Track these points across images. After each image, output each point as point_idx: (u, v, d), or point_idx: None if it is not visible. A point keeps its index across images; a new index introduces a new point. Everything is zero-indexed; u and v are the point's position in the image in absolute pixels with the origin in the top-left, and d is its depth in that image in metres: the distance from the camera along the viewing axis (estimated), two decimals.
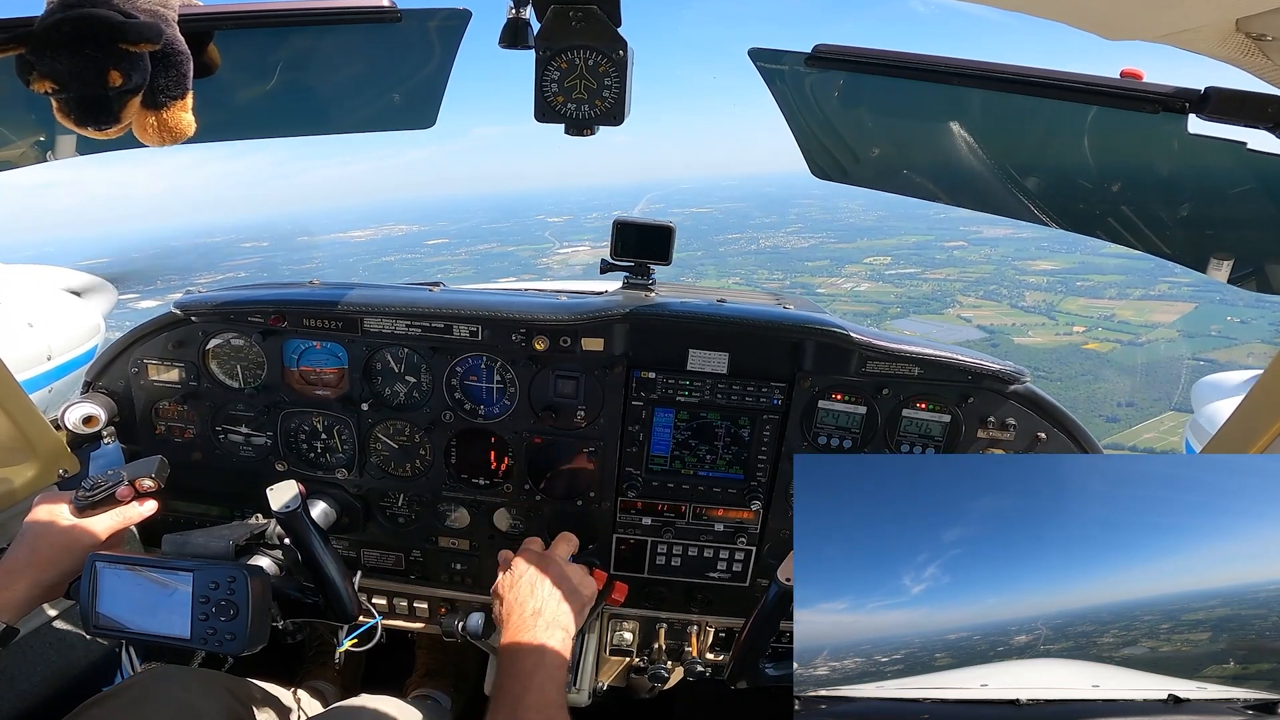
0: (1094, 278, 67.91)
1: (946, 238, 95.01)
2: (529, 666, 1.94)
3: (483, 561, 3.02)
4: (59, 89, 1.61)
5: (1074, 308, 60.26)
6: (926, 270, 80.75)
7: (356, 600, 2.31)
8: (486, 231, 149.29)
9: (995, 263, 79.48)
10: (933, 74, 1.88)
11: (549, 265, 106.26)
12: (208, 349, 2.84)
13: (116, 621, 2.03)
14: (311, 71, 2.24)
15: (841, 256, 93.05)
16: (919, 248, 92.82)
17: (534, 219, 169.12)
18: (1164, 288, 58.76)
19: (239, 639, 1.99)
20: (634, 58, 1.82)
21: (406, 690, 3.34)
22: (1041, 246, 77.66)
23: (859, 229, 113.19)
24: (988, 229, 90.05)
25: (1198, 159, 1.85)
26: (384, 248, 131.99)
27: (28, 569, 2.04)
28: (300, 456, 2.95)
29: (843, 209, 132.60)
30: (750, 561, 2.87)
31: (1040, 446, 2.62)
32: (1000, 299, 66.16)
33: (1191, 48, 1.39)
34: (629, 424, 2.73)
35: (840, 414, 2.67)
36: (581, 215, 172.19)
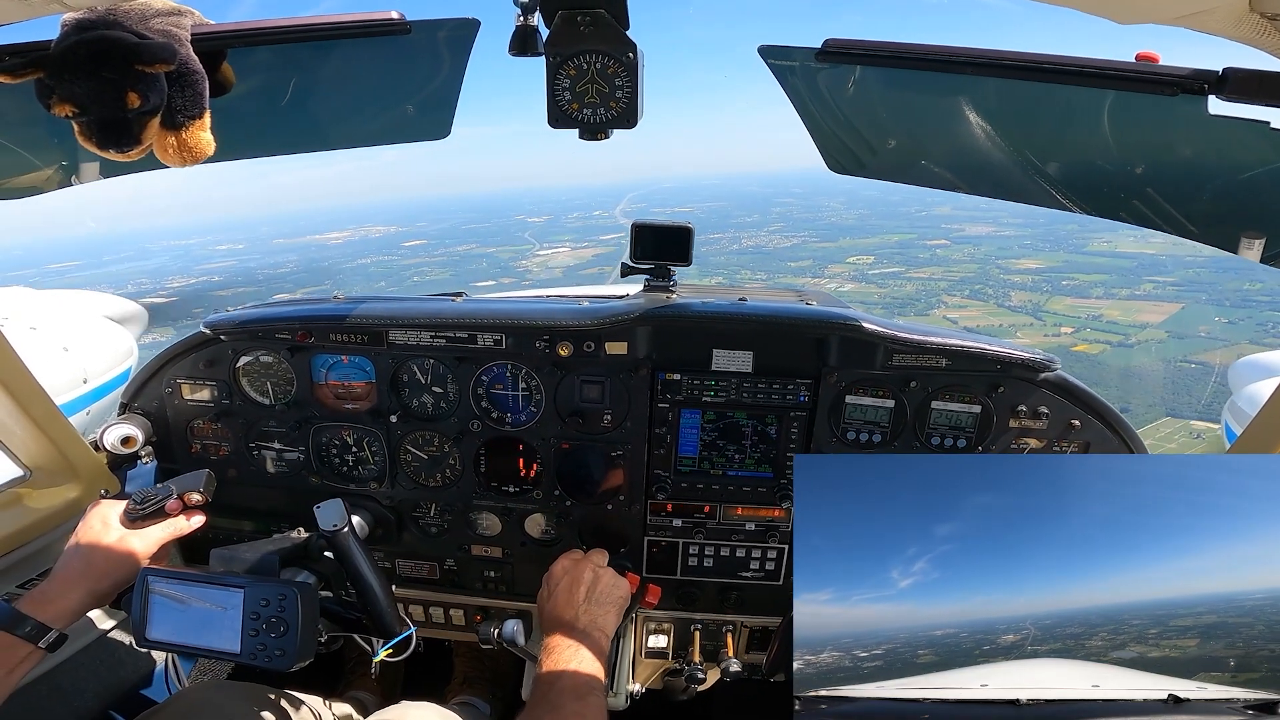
0: (1079, 276, 68.31)
1: (929, 236, 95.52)
2: (567, 658, 2.06)
3: (516, 568, 3.06)
4: (79, 112, 1.65)
5: (1060, 307, 60.53)
6: (910, 269, 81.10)
7: (398, 614, 2.34)
8: (465, 232, 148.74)
9: (979, 261, 79.91)
10: (945, 64, 1.89)
11: (528, 267, 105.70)
12: (238, 367, 2.89)
13: (167, 635, 2.06)
14: (325, 86, 2.28)
15: (824, 256, 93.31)
16: (902, 246, 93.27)
17: (513, 219, 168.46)
18: (1149, 287, 59.13)
19: (288, 655, 2.02)
20: (644, 60, 1.85)
21: (446, 697, 3.38)
22: (1025, 245, 78.19)
23: (841, 228, 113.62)
24: (970, 227, 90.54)
25: (1220, 140, 1.84)
26: (360, 250, 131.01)
27: (83, 579, 2.10)
28: (333, 470, 2.99)
29: (825, 207, 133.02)
30: (783, 560, 2.90)
31: (1075, 434, 2.61)
32: (986, 299, 66.42)
33: (1206, 29, 1.37)
34: (656, 426, 2.76)
35: (868, 408, 2.68)
36: (562, 215, 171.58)
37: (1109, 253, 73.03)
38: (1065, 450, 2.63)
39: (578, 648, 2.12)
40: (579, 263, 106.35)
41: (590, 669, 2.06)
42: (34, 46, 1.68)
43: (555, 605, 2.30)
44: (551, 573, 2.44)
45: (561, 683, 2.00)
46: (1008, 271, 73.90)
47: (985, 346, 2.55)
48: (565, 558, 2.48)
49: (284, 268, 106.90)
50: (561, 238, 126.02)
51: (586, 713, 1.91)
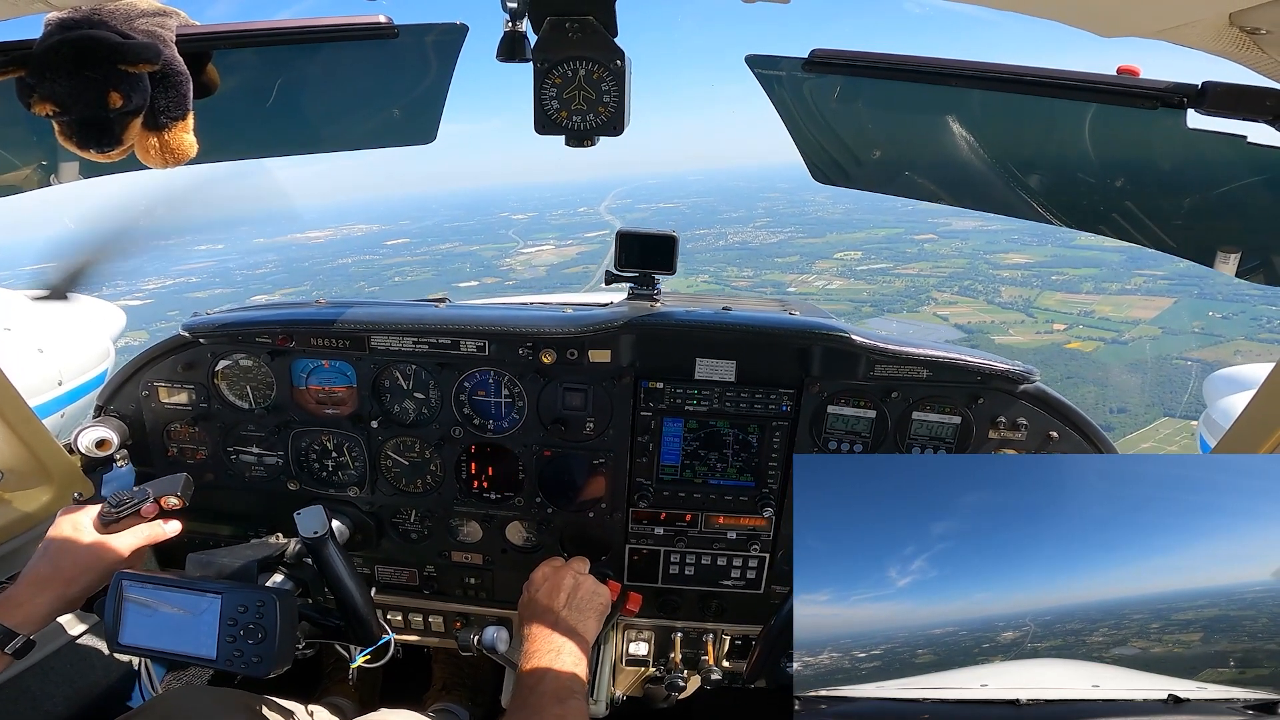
0: (1068, 271, 68.62)
1: (916, 230, 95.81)
2: (547, 661, 2.09)
3: (496, 575, 3.07)
4: (60, 111, 1.65)
5: (1051, 303, 60.82)
6: (898, 265, 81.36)
7: (378, 623, 2.36)
8: (449, 230, 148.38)
9: (967, 256, 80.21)
10: (930, 75, 1.91)
11: (512, 266, 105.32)
12: (217, 370, 2.89)
13: (141, 640, 2.05)
14: (311, 89, 2.28)
15: (811, 252, 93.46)
16: (889, 241, 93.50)
17: (497, 216, 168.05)
18: (1139, 281, 59.34)
19: (266, 661, 2.02)
20: (631, 67, 1.86)
21: (425, 704, 3.39)
22: (1012, 239, 78.47)
23: (827, 222, 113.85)
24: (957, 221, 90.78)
25: (1199, 153, 1.87)
26: (341, 249, 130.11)
27: (52, 583, 2.08)
28: (312, 475, 3.00)
29: (810, 202, 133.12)
30: (764, 568, 2.93)
31: (1052, 445, 2.65)
32: (976, 295, 66.66)
33: (1186, 43, 1.40)
34: (638, 434, 2.78)
35: (850, 418, 2.71)
36: (546, 212, 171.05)
37: (1097, 245, 73.39)
38: None
39: (558, 652, 2.15)
40: (563, 261, 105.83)
41: (571, 672, 2.09)
42: (16, 45, 1.67)
43: (535, 610, 2.33)
44: (532, 579, 2.48)
45: (543, 686, 2.03)
46: (996, 266, 74.13)
47: (965, 358, 2.59)
48: (546, 564, 2.52)
49: (263, 268, 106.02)
50: (546, 235, 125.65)
51: (567, 715, 1.94)
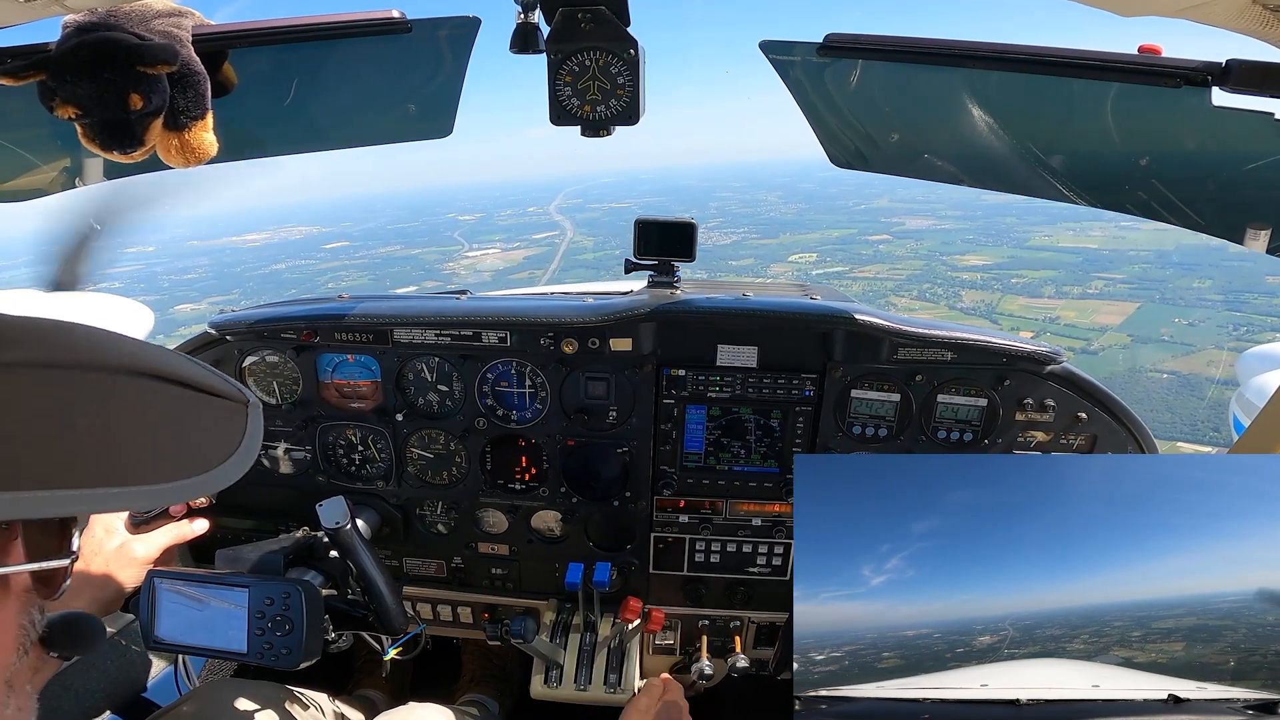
0: (1026, 273, 69.93)
1: (869, 231, 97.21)
2: None
3: (523, 565, 3.12)
4: (82, 114, 1.70)
5: (1015, 308, 61.69)
6: (855, 268, 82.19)
7: (404, 612, 2.40)
8: (391, 233, 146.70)
9: (923, 257, 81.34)
10: (947, 57, 1.95)
11: (455, 270, 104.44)
12: (244, 367, 2.93)
13: (176, 636, 2.11)
14: (326, 86, 2.32)
15: (766, 254, 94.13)
16: (844, 242, 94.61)
17: (444, 217, 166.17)
18: (1100, 284, 60.58)
19: (295, 653, 2.07)
20: (645, 56, 1.92)
21: (455, 696, 3.41)
22: (967, 239, 79.94)
23: (780, 223, 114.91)
24: (910, 220, 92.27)
25: (1225, 131, 1.88)
26: (276, 254, 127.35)
27: (86, 586, 2.12)
28: (339, 469, 3.04)
29: (762, 201, 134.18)
30: (789, 555, 2.98)
31: (1081, 426, 2.68)
32: (937, 300, 67.36)
33: (1208, 21, 1.41)
34: (661, 422, 2.84)
35: (874, 402, 2.75)
36: (494, 212, 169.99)
37: (1051, 247, 75.08)
38: (1072, 443, 2.74)
39: None
40: (509, 265, 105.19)
41: None
42: (35, 49, 1.72)
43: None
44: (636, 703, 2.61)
45: None
46: (954, 269, 75.09)
47: (991, 339, 2.63)
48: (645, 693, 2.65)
49: (191, 273, 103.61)
50: (492, 237, 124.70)
51: None
